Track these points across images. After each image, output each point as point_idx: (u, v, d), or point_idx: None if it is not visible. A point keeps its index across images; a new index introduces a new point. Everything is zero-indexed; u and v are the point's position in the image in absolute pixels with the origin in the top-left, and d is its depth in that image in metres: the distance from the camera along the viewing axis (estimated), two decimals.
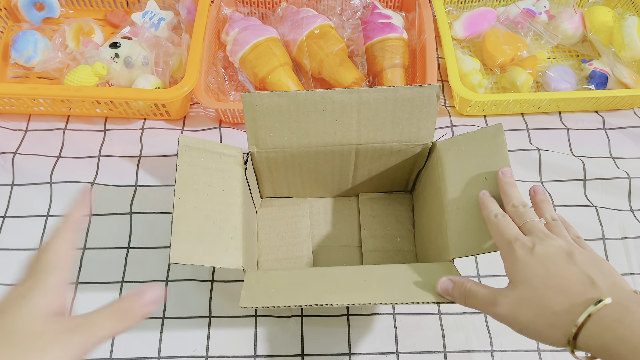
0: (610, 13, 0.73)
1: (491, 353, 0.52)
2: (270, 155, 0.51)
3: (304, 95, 0.46)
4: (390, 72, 0.66)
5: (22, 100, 0.63)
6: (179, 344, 0.52)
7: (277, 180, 0.56)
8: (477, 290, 0.37)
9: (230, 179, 0.47)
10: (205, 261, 0.41)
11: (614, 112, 0.69)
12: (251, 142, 0.49)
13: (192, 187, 0.44)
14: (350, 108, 0.47)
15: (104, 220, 0.59)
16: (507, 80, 0.69)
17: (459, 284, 0.39)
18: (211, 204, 0.44)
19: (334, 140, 0.49)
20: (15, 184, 0.61)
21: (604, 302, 0.31)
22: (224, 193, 0.46)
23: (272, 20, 0.73)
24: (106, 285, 0.55)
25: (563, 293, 0.33)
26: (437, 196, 0.49)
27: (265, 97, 0.46)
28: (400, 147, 0.51)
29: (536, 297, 0.34)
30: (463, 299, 0.38)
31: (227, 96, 0.69)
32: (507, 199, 0.41)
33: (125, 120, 0.67)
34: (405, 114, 0.48)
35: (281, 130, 0.48)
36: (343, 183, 0.58)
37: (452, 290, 0.39)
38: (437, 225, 0.49)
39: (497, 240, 0.39)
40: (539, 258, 0.35)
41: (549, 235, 0.37)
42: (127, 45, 0.66)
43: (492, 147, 0.45)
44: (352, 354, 0.52)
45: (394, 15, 0.71)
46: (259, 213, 0.59)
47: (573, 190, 0.62)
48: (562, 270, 0.34)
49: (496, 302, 0.35)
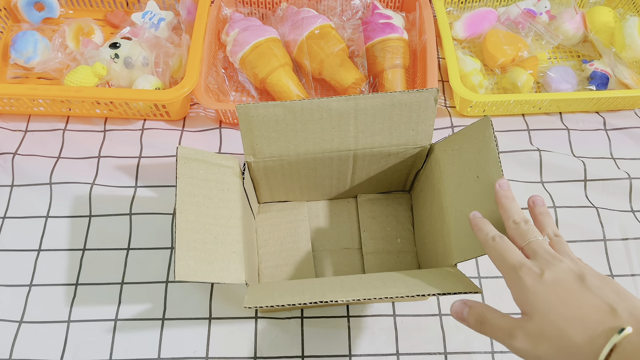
0: (611, 13, 0.73)
1: (492, 354, 0.52)
2: (267, 164, 0.50)
3: (300, 104, 0.45)
4: (390, 73, 0.66)
5: (21, 101, 0.63)
6: (179, 346, 0.52)
7: (275, 187, 0.56)
8: (493, 319, 0.35)
9: (229, 192, 0.47)
10: (209, 278, 0.41)
11: (615, 113, 0.69)
12: (247, 152, 0.49)
13: (193, 200, 0.43)
14: (348, 115, 0.47)
15: (103, 221, 0.59)
16: (508, 81, 0.69)
17: (474, 309, 0.36)
18: (212, 217, 0.44)
19: (332, 147, 0.49)
20: (15, 185, 0.61)
21: (625, 332, 0.29)
22: (224, 206, 0.46)
23: (272, 21, 0.73)
24: (106, 286, 0.55)
25: (581, 324, 0.31)
26: (436, 198, 0.49)
27: (260, 108, 0.45)
28: (398, 150, 0.51)
29: (554, 329, 0.31)
30: (478, 326, 0.36)
31: (227, 97, 0.69)
32: (507, 214, 0.39)
33: (125, 120, 0.67)
34: (403, 119, 0.47)
35: (278, 139, 0.48)
36: (341, 186, 0.58)
37: (467, 315, 0.37)
38: (437, 228, 0.49)
39: (499, 266, 0.37)
40: (550, 286, 0.33)
41: (555, 256, 0.35)
42: (127, 45, 0.66)
43: (481, 142, 0.45)
44: (352, 355, 0.52)
45: (395, 15, 0.71)
46: (257, 219, 0.59)
47: (574, 191, 0.62)
48: (577, 297, 0.32)
49: (513, 335, 0.33)
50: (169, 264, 0.56)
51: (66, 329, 0.53)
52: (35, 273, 0.56)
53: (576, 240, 0.58)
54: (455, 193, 0.46)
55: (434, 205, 0.50)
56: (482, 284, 0.56)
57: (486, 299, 0.54)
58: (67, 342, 0.52)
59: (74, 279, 0.55)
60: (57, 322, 0.53)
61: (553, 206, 0.60)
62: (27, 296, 0.55)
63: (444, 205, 0.47)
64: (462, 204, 0.45)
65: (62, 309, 0.54)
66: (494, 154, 0.43)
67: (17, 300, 0.54)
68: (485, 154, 0.44)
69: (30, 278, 0.56)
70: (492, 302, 0.54)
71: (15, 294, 0.55)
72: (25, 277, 0.56)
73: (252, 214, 0.56)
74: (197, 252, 0.41)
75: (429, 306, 0.54)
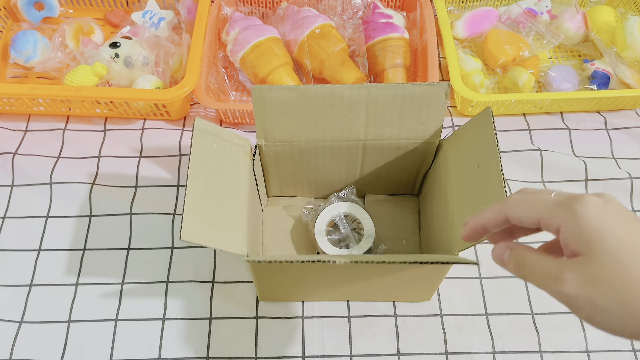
0: (612, 13, 0.73)
1: (493, 354, 0.52)
2: (278, 149, 0.51)
3: (313, 89, 0.46)
4: (391, 72, 0.66)
5: (21, 101, 0.63)
6: (179, 346, 0.52)
7: (284, 177, 0.57)
8: (535, 260, 0.29)
9: (239, 168, 0.48)
10: (213, 243, 0.41)
11: (616, 113, 0.69)
12: (260, 134, 0.49)
13: (205, 170, 0.44)
14: (359, 104, 0.47)
15: (104, 221, 0.59)
16: (509, 80, 0.69)
17: (515, 251, 0.30)
18: (221, 189, 0.45)
19: (342, 136, 0.50)
20: (15, 185, 0.61)
21: None
22: (233, 180, 0.46)
23: (272, 20, 0.73)
24: (106, 286, 0.55)
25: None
26: (442, 195, 0.50)
27: (274, 90, 0.46)
28: (407, 144, 0.51)
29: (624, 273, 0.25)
30: (517, 269, 0.30)
31: (228, 96, 0.69)
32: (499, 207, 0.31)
33: (125, 120, 0.67)
34: (413, 111, 0.48)
35: (289, 123, 0.48)
36: (350, 183, 0.58)
37: (507, 259, 0.31)
38: (442, 223, 0.49)
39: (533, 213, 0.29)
40: (617, 217, 0.26)
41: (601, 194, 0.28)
42: (127, 45, 0.66)
43: (480, 132, 0.45)
44: (353, 355, 0.52)
45: (395, 15, 0.71)
46: (265, 211, 0.60)
47: (575, 190, 0.62)
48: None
49: (562, 278, 0.27)
50: (170, 264, 0.56)
51: (66, 329, 0.53)
52: (35, 273, 0.56)
53: None
54: (460, 185, 0.46)
55: (440, 202, 0.50)
56: (483, 284, 0.55)
57: (487, 301, 0.54)
58: (67, 342, 0.52)
59: (74, 279, 0.55)
60: (57, 322, 0.53)
61: None
62: (27, 296, 0.54)
63: (449, 199, 0.47)
64: (465, 196, 0.45)
65: (62, 309, 0.54)
66: (492, 142, 0.43)
67: (17, 300, 0.54)
68: (485, 142, 0.44)
69: (31, 278, 0.55)
70: (493, 304, 0.54)
71: (15, 294, 0.55)
72: (26, 277, 0.56)
73: (259, 202, 0.56)
74: (203, 218, 0.42)
75: (430, 306, 0.54)
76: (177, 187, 0.61)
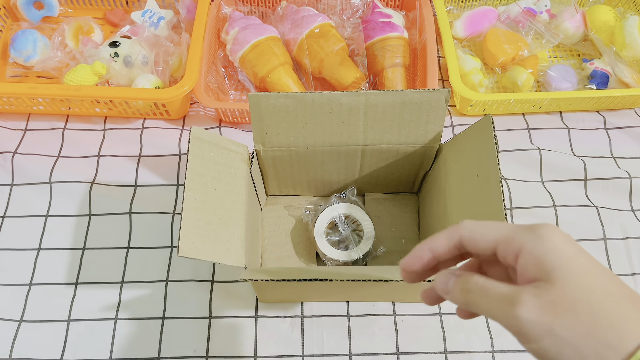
0: (611, 12, 0.73)
1: (492, 354, 0.52)
2: (276, 153, 0.51)
3: (311, 96, 0.46)
4: (390, 72, 0.66)
5: (21, 100, 0.63)
6: (179, 345, 0.52)
7: (283, 178, 0.57)
8: (488, 284, 0.26)
9: (237, 176, 0.47)
10: (211, 257, 0.41)
11: (615, 112, 0.69)
12: (257, 140, 0.49)
13: (202, 180, 0.44)
14: (357, 110, 0.47)
15: (103, 220, 0.59)
16: (508, 80, 0.69)
17: (463, 277, 0.27)
18: (219, 199, 0.44)
19: (340, 141, 0.49)
20: (15, 184, 0.61)
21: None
22: (230, 190, 0.46)
23: (272, 19, 0.73)
24: (106, 285, 0.55)
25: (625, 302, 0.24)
26: (441, 199, 0.49)
27: (271, 98, 0.46)
28: (407, 149, 0.51)
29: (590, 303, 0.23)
30: (465, 296, 0.27)
31: (227, 95, 0.69)
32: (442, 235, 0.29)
33: (125, 119, 0.67)
34: (413, 117, 0.47)
35: (287, 130, 0.48)
36: (349, 183, 0.58)
37: (452, 285, 0.28)
38: (441, 225, 0.49)
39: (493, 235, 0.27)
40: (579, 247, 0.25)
41: None
42: (127, 44, 0.66)
43: (481, 141, 0.45)
44: (352, 355, 0.52)
45: (395, 14, 0.71)
46: (264, 210, 0.60)
47: (574, 190, 0.62)
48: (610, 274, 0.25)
49: (518, 301, 0.24)
50: (169, 263, 0.56)
51: (66, 329, 0.53)
52: (35, 272, 0.56)
53: (576, 240, 0.58)
54: (458, 192, 0.46)
55: (439, 205, 0.50)
56: None
57: None
58: (67, 342, 0.52)
59: (73, 278, 0.55)
60: (57, 321, 0.53)
61: (553, 205, 0.60)
62: (27, 295, 0.55)
63: (447, 204, 0.47)
64: (463, 202, 0.45)
65: (62, 309, 0.54)
66: (492, 153, 0.43)
67: (17, 299, 0.54)
68: (485, 152, 0.44)
69: (30, 277, 0.56)
70: None
71: (15, 293, 0.55)
72: (25, 276, 0.56)
73: (258, 204, 0.56)
74: (201, 231, 0.41)
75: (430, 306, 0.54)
76: (176, 186, 0.61)
